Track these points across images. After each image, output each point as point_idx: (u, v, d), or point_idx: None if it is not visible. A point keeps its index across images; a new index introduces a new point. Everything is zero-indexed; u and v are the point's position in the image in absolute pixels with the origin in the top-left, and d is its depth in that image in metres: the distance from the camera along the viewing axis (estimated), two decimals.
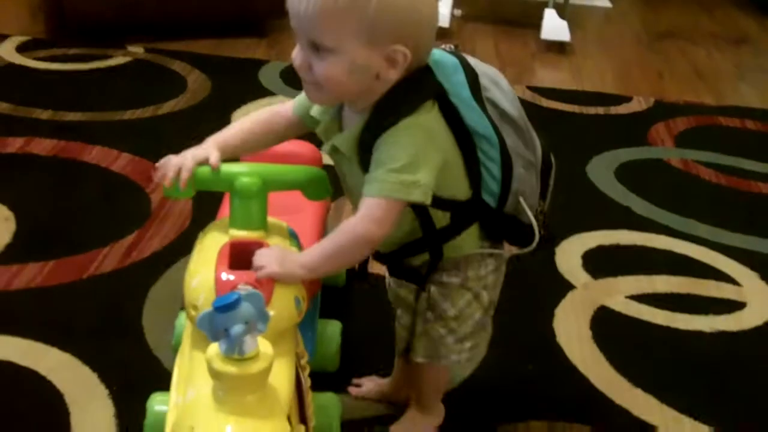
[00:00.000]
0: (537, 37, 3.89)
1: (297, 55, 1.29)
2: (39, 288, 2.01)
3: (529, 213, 1.43)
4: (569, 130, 3.08)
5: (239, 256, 1.33)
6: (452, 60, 1.36)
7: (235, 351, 1.12)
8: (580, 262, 2.25)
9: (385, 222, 1.30)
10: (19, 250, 2.14)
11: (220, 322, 1.11)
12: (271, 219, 1.44)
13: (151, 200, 2.38)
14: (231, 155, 1.43)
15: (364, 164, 1.32)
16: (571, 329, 1.99)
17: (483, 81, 1.36)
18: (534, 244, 1.45)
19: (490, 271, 1.48)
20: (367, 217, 1.29)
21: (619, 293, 2.14)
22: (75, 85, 3.14)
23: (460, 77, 1.35)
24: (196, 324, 1.14)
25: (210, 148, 1.41)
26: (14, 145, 2.64)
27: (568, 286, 2.15)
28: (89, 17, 3.49)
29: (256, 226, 1.39)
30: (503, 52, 3.80)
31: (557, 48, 3.90)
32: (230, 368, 1.11)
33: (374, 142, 1.30)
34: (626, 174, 2.76)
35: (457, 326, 1.49)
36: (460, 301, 1.48)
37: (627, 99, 3.41)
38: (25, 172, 2.51)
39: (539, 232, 1.44)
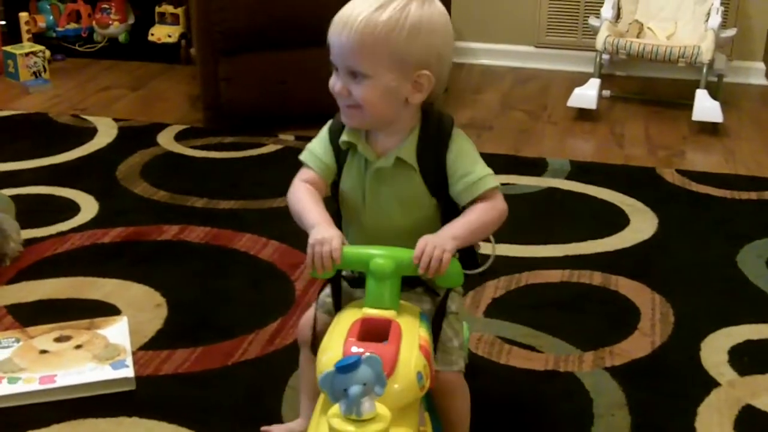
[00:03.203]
0: (689, 119, 3.81)
1: (335, 83, 1.55)
2: (186, 373, 2.09)
3: (492, 239, 1.64)
4: (720, 217, 3.00)
5: (370, 332, 1.41)
6: None
7: (353, 411, 1.20)
8: (726, 357, 2.18)
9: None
10: (170, 336, 2.24)
11: (340, 382, 1.21)
12: (403, 302, 1.50)
13: (295, 288, 2.45)
14: None
15: (425, 174, 1.58)
16: (714, 429, 1.93)
17: None
18: (485, 267, 1.66)
19: None
20: (500, 198, 1.59)
21: (767, 392, 2.06)
22: (228, 173, 3.28)
23: None
24: (318, 383, 1.23)
25: (334, 228, 1.53)
26: (169, 232, 2.77)
27: (712, 383, 2.08)
28: (245, 107, 3.66)
29: (388, 305, 1.46)
30: (653, 135, 3.74)
31: (710, 129, 3.81)
32: (348, 428, 1.19)
33: (443, 154, 1.57)
34: None
35: (459, 327, 1.67)
36: (457, 298, 1.69)
37: None
38: (178, 259, 2.63)
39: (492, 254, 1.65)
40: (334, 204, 1.68)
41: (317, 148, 1.65)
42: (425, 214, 1.61)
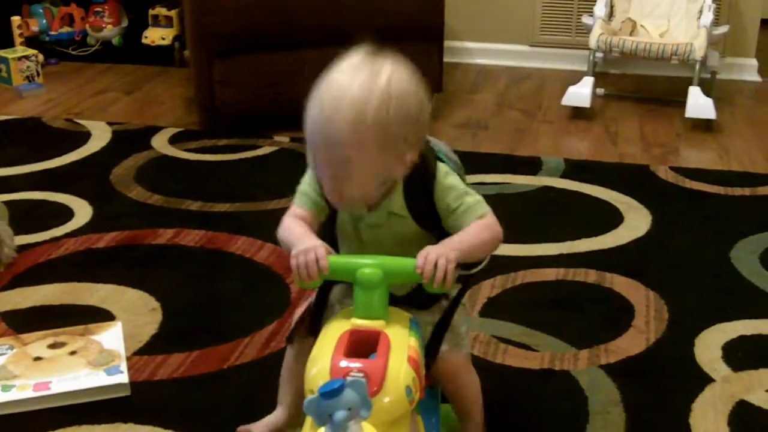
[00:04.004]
0: (682, 116, 3.81)
1: (326, 185, 1.51)
2: (182, 378, 2.09)
3: None
4: (714, 213, 3.00)
5: (359, 344, 1.40)
6: None
7: None
8: (720, 353, 2.19)
9: None
10: (165, 341, 2.24)
11: (325, 407, 1.21)
12: (392, 308, 1.50)
13: (290, 290, 2.45)
14: None
15: (418, 217, 1.58)
16: (708, 425, 1.93)
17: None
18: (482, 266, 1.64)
19: None
20: (495, 220, 1.58)
21: (761, 387, 2.06)
22: (224, 176, 3.28)
23: None
24: (303, 408, 1.22)
25: (318, 240, 1.53)
26: (164, 236, 2.76)
27: (706, 379, 2.08)
28: (239, 109, 3.66)
29: (377, 315, 1.45)
30: (648, 132, 3.75)
31: (703, 126, 3.81)
32: None
33: (430, 197, 1.57)
34: None
35: (465, 314, 1.71)
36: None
37: None
38: (173, 263, 2.63)
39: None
40: (330, 234, 1.65)
41: (308, 189, 1.62)
42: (424, 244, 1.56)
